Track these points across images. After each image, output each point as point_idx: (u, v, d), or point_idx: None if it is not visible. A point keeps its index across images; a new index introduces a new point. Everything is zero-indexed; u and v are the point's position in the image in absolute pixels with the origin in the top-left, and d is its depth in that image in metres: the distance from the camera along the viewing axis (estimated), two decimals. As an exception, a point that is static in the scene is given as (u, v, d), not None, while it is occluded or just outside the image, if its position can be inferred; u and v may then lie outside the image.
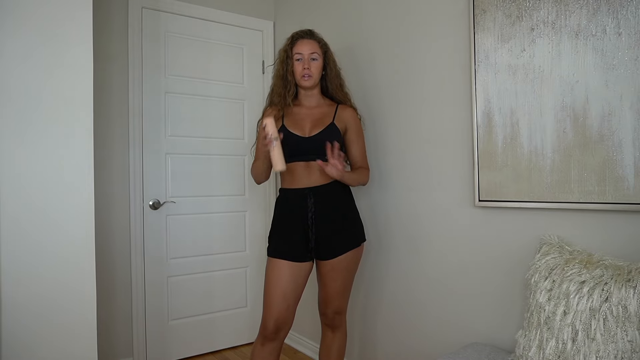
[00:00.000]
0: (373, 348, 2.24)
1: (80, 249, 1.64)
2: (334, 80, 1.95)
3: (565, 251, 1.34)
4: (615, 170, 1.31)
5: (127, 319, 2.49)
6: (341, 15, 2.42)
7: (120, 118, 2.48)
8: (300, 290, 1.80)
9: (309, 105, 1.92)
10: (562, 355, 1.18)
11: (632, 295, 1.10)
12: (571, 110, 1.41)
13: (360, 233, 1.91)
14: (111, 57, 2.45)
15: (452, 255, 1.84)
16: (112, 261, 2.44)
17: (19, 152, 1.54)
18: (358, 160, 1.96)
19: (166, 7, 2.61)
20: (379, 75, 2.18)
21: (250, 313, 2.89)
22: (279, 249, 1.78)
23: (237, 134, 2.86)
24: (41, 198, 1.58)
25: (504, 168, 1.60)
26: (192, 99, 2.70)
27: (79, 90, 1.65)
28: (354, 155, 1.96)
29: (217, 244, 2.78)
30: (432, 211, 1.92)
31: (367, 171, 1.99)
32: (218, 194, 2.78)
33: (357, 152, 1.95)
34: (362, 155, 1.97)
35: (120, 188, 2.48)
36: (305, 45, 1.86)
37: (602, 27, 1.33)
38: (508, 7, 1.57)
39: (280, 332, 1.74)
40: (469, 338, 1.76)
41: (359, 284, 2.27)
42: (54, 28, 1.61)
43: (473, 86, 1.69)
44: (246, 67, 2.90)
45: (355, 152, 1.95)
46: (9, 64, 1.53)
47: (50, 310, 1.58)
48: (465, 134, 1.76)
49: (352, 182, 1.88)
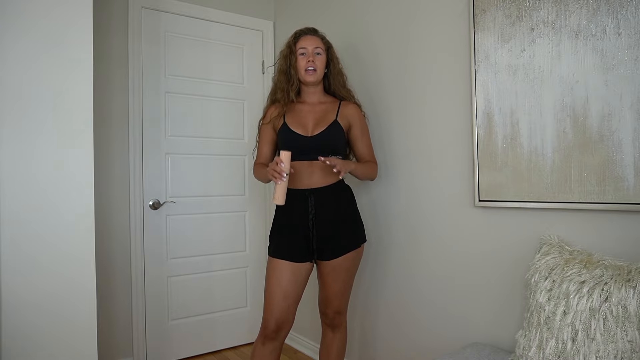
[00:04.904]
0: (373, 348, 2.24)
1: (80, 249, 1.64)
2: (336, 78, 1.95)
3: (565, 251, 1.34)
4: (615, 170, 1.31)
5: (127, 318, 2.49)
6: (341, 15, 2.42)
7: (120, 118, 2.48)
8: (300, 290, 1.80)
9: (312, 102, 1.92)
10: (562, 355, 1.18)
11: (632, 295, 1.10)
12: (571, 110, 1.41)
13: (361, 234, 1.91)
14: (111, 57, 2.45)
15: (452, 256, 1.84)
16: (112, 261, 2.44)
17: (20, 151, 1.54)
18: (365, 155, 1.94)
19: (166, 7, 2.61)
20: (378, 75, 2.18)
21: (250, 313, 2.89)
22: (280, 249, 1.78)
23: (237, 134, 2.86)
24: (42, 198, 1.58)
25: (504, 168, 1.60)
26: (192, 99, 2.70)
27: (79, 90, 1.66)
28: (360, 151, 1.94)
29: (217, 244, 2.78)
30: (432, 211, 1.92)
31: (376, 165, 1.98)
32: (218, 194, 2.79)
33: (363, 147, 1.94)
34: (369, 150, 1.96)
35: (120, 188, 2.48)
36: (309, 41, 1.87)
37: (602, 27, 1.33)
38: (508, 7, 1.57)
39: (280, 331, 1.74)
40: (469, 338, 1.76)
41: (359, 283, 2.27)
42: (55, 29, 1.61)
43: (473, 86, 1.69)
44: (246, 67, 2.90)
45: (361, 148, 1.94)
46: (12, 66, 1.53)
47: (50, 309, 1.58)
48: (465, 134, 1.76)
49: (361, 175, 1.88)
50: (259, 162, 1.96)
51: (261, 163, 1.95)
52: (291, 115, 1.88)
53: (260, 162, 1.96)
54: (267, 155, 1.96)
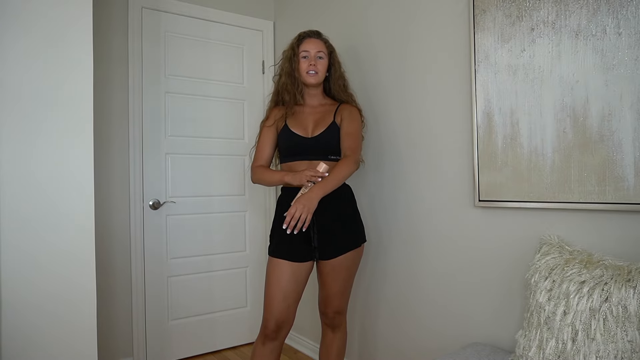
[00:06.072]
0: (373, 347, 2.24)
1: (80, 249, 1.64)
2: (337, 81, 1.96)
3: (565, 251, 1.34)
4: (615, 170, 1.31)
5: (127, 318, 2.49)
6: (341, 15, 2.42)
7: (120, 118, 2.48)
8: (300, 290, 1.80)
9: (312, 105, 1.93)
10: (562, 355, 1.18)
11: (632, 295, 1.10)
12: (571, 110, 1.41)
13: (361, 234, 1.91)
14: (111, 57, 2.45)
15: (452, 256, 1.84)
16: (112, 261, 2.44)
17: (20, 151, 1.54)
18: (345, 145, 1.82)
19: (166, 7, 2.61)
20: (378, 76, 2.18)
21: (250, 313, 2.89)
22: (280, 248, 1.78)
23: (237, 134, 2.86)
24: (42, 197, 1.58)
25: (504, 168, 1.60)
26: (192, 99, 2.70)
27: (79, 90, 1.65)
28: (342, 141, 1.84)
29: (217, 244, 2.78)
30: (432, 211, 1.92)
31: (346, 159, 1.77)
32: (218, 194, 2.79)
33: (345, 137, 1.83)
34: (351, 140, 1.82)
35: (120, 188, 2.48)
36: (312, 44, 1.88)
37: (602, 27, 1.33)
38: (508, 7, 1.57)
39: (280, 331, 1.74)
40: (469, 338, 1.76)
41: (359, 283, 2.27)
42: (55, 29, 1.61)
43: (473, 86, 1.69)
44: (246, 67, 2.90)
45: (343, 137, 1.83)
46: (12, 66, 1.53)
47: (50, 309, 1.58)
48: (465, 133, 1.76)
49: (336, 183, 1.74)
50: (259, 164, 1.93)
51: (261, 165, 1.93)
52: (292, 117, 1.89)
53: (260, 164, 1.93)
54: (268, 157, 1.95)
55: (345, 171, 1.75)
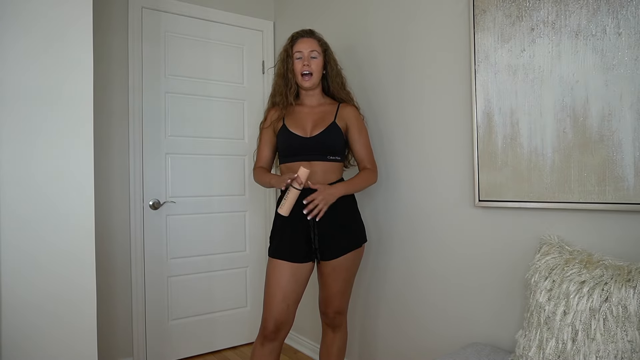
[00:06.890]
0: (373, 347, 2.24)
1: (80, 249, 1.64)
2: (335, 79, 1.95)
3: (565, 251, 1.34)
4: (615, 170, 1.31)
5: (127, 318, 2.49)
6: (341, 15, 2.42)
7: (120, 118, 2.48)
8: (300, 291, 1.80)
9: (311, 105, 1.93)
10: (562, 355, 1.18)
11: (632, 295, 1.10)
12: (571, 110, 1.41)
13: (361, 234, 1.91)
14: (111, 57, 2.45)
15: (452, 255, 1.84)
16: (112, 261, 2.44)
17: (20, 151, 1.54)
18: (363, 158, 1.93)
19: (166, 7, 2.61)
20: (378, 76, 2.18)
21: (250, 313, 2.89)
22: (280, 249, 1.78)
23: (237, 134, 2.86)
24: (42, 197, 1.58)
25: (504, 168, 1.60)
26: (192, 99, 2.70)
27: (79, 90, 1.65)
28: (358, 153, 1.93)
29: (217, 244, 2.78)
30: (432, 211, 1.92)
31: (371, 171, 1.92)
32: (218, 194, 2.79)
33: (362, 150, 1.92)
34: (367, 152, 1.93)
35: (120, 188, 2.48)
36: (304, 44, 1.87)
37: (602, 27, 1.33)
38: (508, 7, 1.57)
39: (280, 332, 1.74)
40: (469, 338, 1.76)
41: (360, 283, 2.27)
42: (55, 29, 1.61)
43: (473, 86, 1.69)
44: (246, 67, 2.90)
45: (359, 151, 1.92)
46: (12, 66, 1.53)
47: (50, 309, 1.58)
48: (465, 134, 1.76)
49: (358, 189, 1.87)
50: (259, 165, 1.96)
51: (261, 167, 1.95)
52: (290, 117, 1.89)
53: (260, 165, 1.96)
54: (267, 159, 1.96)
55: (371, 181, 1.91)
